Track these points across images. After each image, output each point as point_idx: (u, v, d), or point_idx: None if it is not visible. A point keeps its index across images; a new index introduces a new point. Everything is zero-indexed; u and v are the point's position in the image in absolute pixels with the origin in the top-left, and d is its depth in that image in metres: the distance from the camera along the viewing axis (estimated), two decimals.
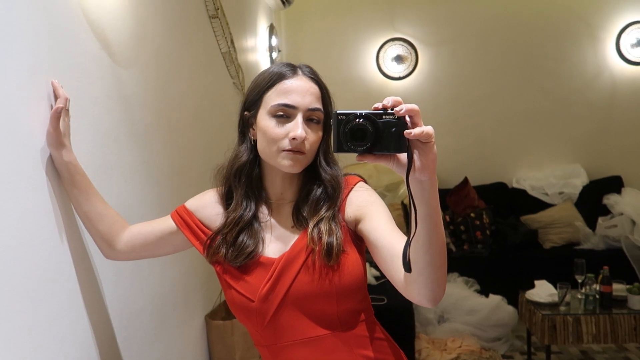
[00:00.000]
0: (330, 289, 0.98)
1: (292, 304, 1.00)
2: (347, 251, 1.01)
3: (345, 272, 0.99)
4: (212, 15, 2.32)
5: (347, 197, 1.06)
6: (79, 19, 1.19)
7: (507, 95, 4.46)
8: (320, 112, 1.02)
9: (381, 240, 0.94)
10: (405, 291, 0.88)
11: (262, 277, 1.02)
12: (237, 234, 1.05)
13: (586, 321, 2.73)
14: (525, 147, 4.47)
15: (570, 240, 3.93)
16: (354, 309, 1.03)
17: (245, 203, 1.07)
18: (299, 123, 0.99)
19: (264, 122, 1.01)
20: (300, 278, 1.00)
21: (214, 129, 2.26)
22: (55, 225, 1.04)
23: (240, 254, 1.03)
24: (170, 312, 1.70)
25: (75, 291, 1.11)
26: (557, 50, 4.38)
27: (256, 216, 1.08)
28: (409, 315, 2.82)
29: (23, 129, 0.96)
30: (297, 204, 1.07)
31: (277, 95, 1.01)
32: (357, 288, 1.01)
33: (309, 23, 4.55)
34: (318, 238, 1.00)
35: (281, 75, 1.02)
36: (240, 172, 1.07)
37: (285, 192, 1.09)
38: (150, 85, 1.61)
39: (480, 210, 4.00)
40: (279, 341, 1.03)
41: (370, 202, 1.03)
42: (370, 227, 0.98)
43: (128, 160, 1.43)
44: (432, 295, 0.84)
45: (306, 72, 1.05)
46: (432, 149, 0.73)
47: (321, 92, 1.04)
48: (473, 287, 3.62)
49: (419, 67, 4.48)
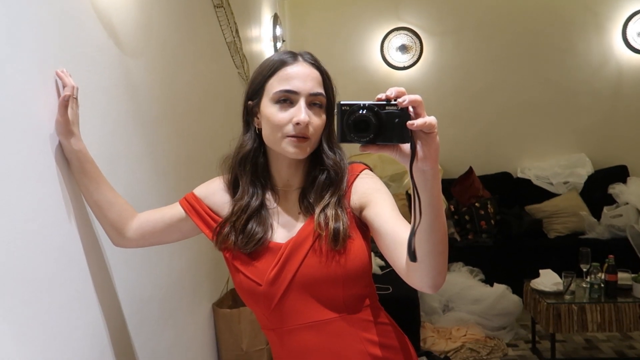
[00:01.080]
0: (336, 273, 1.00)
1: (299, 287, 1.02)
2: (353, 237, 1.02)
3: (351, 257, 1.01)
4: (217, 4, 2.31)
5: (353, 185, 1.07)
6: (87, 9, 1.19)
7: (512, 85, 4.44)
8: (323, 96, 1.04)
9: (385, 227, 0.96)
10: (407, 277, 0.90)
11: (270, 262, 1.04)
12: (245, 222, 1.07)
13: (591, 310, 2.74)
14: (530, 136, 4.46)
15: (575, 229, 3.93)
16: (359, 293, 1.05)
17: (252, 190, 1.09)
18: (302, 108, 1.00)
19: (267, 110, 1.03)
20: (307, 262, 1.01)
21: (220, 119, 2.26)
22: (65, 214, 1.05)
23: (250, 240, 1.05)
24: (178, 300, 1.72)
25: (86, 279, 1.12)
26: (562, 39, 4.36)
27: (263, 203, 1.09)
28: (414, 305, 2.83)
29: (32, 118, 0.96)
30: (304, 191, 1.08)
31: (279, 82, 1.02)
32: (363, 273, 1.03)
33: (313, 12, 4.53)
34: (325, 224, 1.01)
35: (282, 62, 1.04)
36: (245, 160, 1.09)
37: (291, 178, 1.10)
38: (156, 74, 1.61)
39: (484, 200, 4.00)
40: (286, 324, 1.04)
41: (375, 189, 1.04)
42: (375, 213, 1.00)
43: (135, 149, 1.43)
44: (432, 282, 0.86)
45: (307, 58, 1.06)
46: (435, 139, 0.74)
47: (322, 77, 1.06)
48: (478, 276, 3.63)
49: (423, 56, 4.46)
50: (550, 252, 3.73)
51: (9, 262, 0.87)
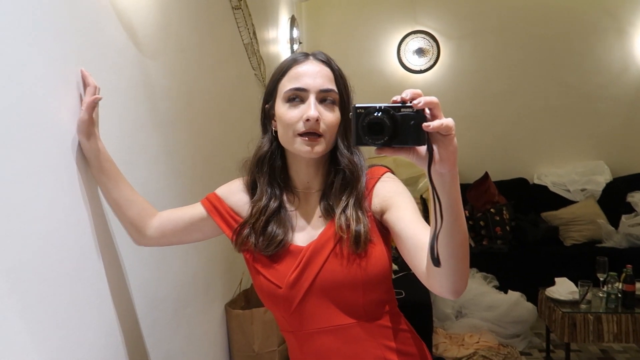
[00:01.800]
0: (357, 278, 0.99)
1: (319, 292, 1.01)
2: (374, 241, 1.02)
3: (372, 262, 1.00)
4: (235, 6, 2.32)
5: (374, 188, 1.06)
6: (107, 10, 1.20)
7: (529, 89, 4.39)
8: (334, 92, 1.03)
9: (406, 231, 0.95)
10: (428, 282, 0.89)
11: (290, 265, 1.03)
12: (265, 223, 1.07)
13: (607, 320, 2.69)
14: (547, 142, 4.41)
15: (592, 237, 3.87)
16: (379, 299, 1.04)
17: (270, 192, 1.08)
18: (312, 104, 1.00)
19: (280, 109, 1.03)
20: (328, 267, 1.01)
21: (236, 120, 2.27)
22: (82, 213, 1.06)
23: (270, 243, 1.05)
24: (192, 300, 1.73)
25: (102, 278, 1.13)
26: (582, 44, 4.30)
27: (282, 205, 1.09)
28: (427, 310, 2.81)
29: (51, 118, 0.97)
30: (324, 193, 1.08)
31: (289, 81, 1.03)
32: (383, 278, 1.02)
33: (330, 15, 4.53)
34: (346, 226, 1.00)
35: (293, 62, 1.05)
36: (262, 162, 1.09)
37: (311, 180, 1.09)
38: (174, 75, 1.62)
39: (500, 206, 3.96)
40: (305, 328, 1.04)
41: (396, 192, 1.04)
42: (396, 217, 0.99)
43: (152, 149, 1.44)
44: (453, 287, 0.84)
45: (318, 57, 1.06)
46: (452, 141, 0.73)
47: (334, 74, 1.05)
48: (492, 283, 3.60)
49: (440, 60, 4.44)
50: (566, 260, 3.68)
51: (26, 259, 0.88)
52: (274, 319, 1.98)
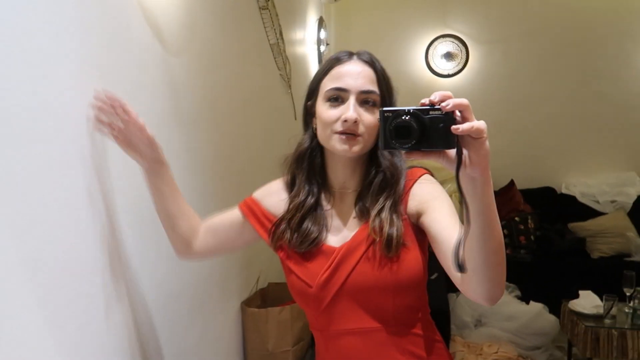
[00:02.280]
0: (387, 282, 0.99)
1: (349, 293, 1.01)
2: (408, 245, 1.00)
3: (404, 266, 0.99)
4: (263, 6, 2.34)
5: (411, 190, 1.05)
6: (134, 8, 1.22)
7: (560, 96, 4.29)
8: (376, 94, 1.02)
9: (442, 234, 0.93)
10: (462, 288, 0.88)
11: (322, 265, 1.04)
12: (301, 220, 1.07)
13: (632, 336, 2.61)
14: (577, 151, 4.31)
15: (620, 251, 3.76)
16: (409, 305, 1.03)
17: (308, 188, 1.09)
18: (351, 105, 1.00)
19: (320, 108, 1.04)
20: (359, 269, 1.00)
21: (260, 120, 2.28)
22: (99, 207, 1.08)
23: (305, 239, 1.06)
24: (207, 297, 1.74)
25: (117, 271, 1.14)
26: (617, 51, 4.18)
27: (319, 203, 1.10)
28: (445, 317, 2.77)
29: (73, 116, 0.99)
30: (360, 194, 1.07)
31: (331, 80, 1.03)
32: (415, 284, 1.01)
33: (358, 17, 4.52)
34: (380, 228, 1.00)
35: (336, 60, 1.05)
36: (302, 158, 1.10)
37: (347, 180, 1.09)
38: (198, 74, 1.64)
39: (525, 215, 3.88)
40: (332, 327, 1.04)
41: (434, 195, 1.02)
42: (432, 220, 0.98)
43: (174, 146, 1.46)
44: (488, 295, 0.82)
45: (363, 57, 1.06)
46: (484, 144, 0.71)
47: (377, 75, 1.04)
48: (514, 292, 3.53)
49: (469, 64, 4.38)
50: (592, 273, 3.59)
51: (45, 252, 0.89)
52: (288, 319, 1.99)
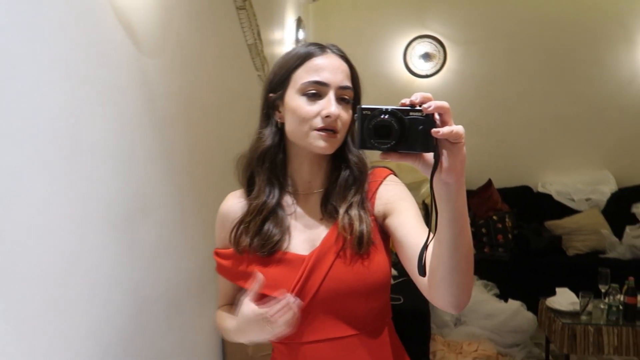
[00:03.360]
0: (360, 285, 0.96)
1: (321, 302, 0.97)
2: (376, 245, 0.98)
3: (374, 267, 0.96)
4: (240, 6, 2.31)
5: (377, 190, 1.02)
6: (105, 7, 1.19)
7: (536, 97, 4.36)
8: (351, 90, 1.00)
9: (407, 238, 0.92)
10: (429, 295, 0.86)
11: (290, 276, 0.97)
12: (261, 223, 1.01)
13: (608, 332, 2.66)
14: (553, 151, 4.37)
15: (595, 248, 3.83)
16: (379, 310, 1.01)
17: (268, 189, 1.03)
18: (332, 100, 0.96)
19: (294, 102, 0.98)
20: (332, 275, 0.96)
21: (238, 121, 2.26)
22: (71, 212, 1.05)
23: (266, 243, 0.99)
24: (185, 302, 1.71)
25: (91, 277, 1.12)
26: (590, 53, 4.26)
27: (280, 204, 1.03)
28: (425, 316, 2.79)
29: (40, 116, 0.96)
30: (327, 193, 1.03)
31: (307, 73, 0.98)
32: (385, 286, 0.99)
33: (337, 18, 4.52)
34: (349, 225, 0.97)
35: (310, 54, 1.00)
36: (263, 156, 1.03)
37: (313, 179, 1.05)
38: (173, 74, 1.61)
39: (502, 214, 3.93)
40: (302, 339, 0.99)
41: (400, 197, 1.00)
42: (398, 223, 0.96)
43: (149, 148, 1.43)
44: (455, 301, 0.81)
45: (335, 51, 1.02)
46: (461, 150, 0.70)
47: (351, 70, 1.02)
48: (492, 291, 3.57)
49: (446, 65, 4.41)
50: (569, 270, 3.65)
51: (12, 258, 0.86)
52: None
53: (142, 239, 1.38)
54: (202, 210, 1.80)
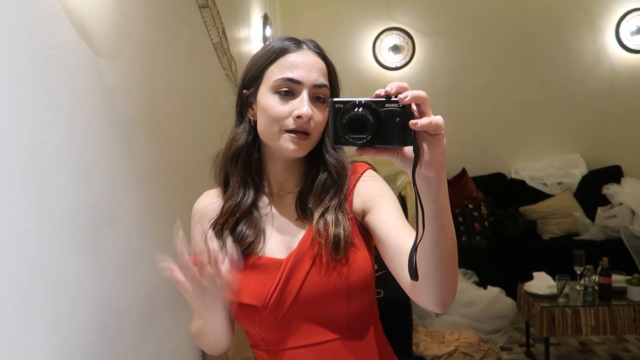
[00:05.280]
0: (340, 287, 0.91)
1: (301, 307, 0.93)
2: (356, 245, 0.94)
3: (355, 268, 0.92)
4: (202, 4, 2.26)
5: (355, 186, 0.98)
6: (55, 8, 1.13)
7: (505, 85, 4.40)
8: (327, 88, 0.95)
9: (389, 235, 0.88)
10: (412, 294, 0.83)
11: (267, 282, 0.94)
12: (235, 224, 0.97)
13: (585, 313, 2.70)
14: (524, 137, 4.43)
15: (569, 230, 3.90)
16: (363, 310, 0.96)
17: (242, 190, 0.99)
18: (305, 100, 0.91)
19: (266, 100, 0.93)
20: (310, 278, 0.92)
21: (205, 122, 2.21)
22: (32, 221, 1.00)
23: (239, 244, 0.95)
24: (159, 311, 1.67)
25: (51, 293, 1.07)
26: (556, 39, 4.32)
27: (255, 205, 1.00)
28: (407, 308, 2.79)
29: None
30: (302, 194, 0.99)
31: (281, 70, 0.93)
32: (367, 285, 0.95)
33: (304, 13, 4.49)
34: (324, 230, 0.92)
35: (284, 49, 0.94)
36: (237, 156, 0.99)
37: (287, 180, 1.01)
38: (134, 76, 1.56)
39: (478, 202, 3.96)
40: (282, 345, 0.95)
41: (379, 193, 0.96)
42: (378, 219, 0.92)
43: (111, 155, 1.38)
44: (440, 300, 0.78)
45: (311, 47, 0.97)
46: (441, 141, 0.67)
47: (328, 68, 0.97)
48: (471, 279, 3.60)
49: (415, 57, 4.43)
50: (545, 254, 3.70)
51: None
52: None
53: (109, 247, 1.33)
54: (173, 214, 1.75)
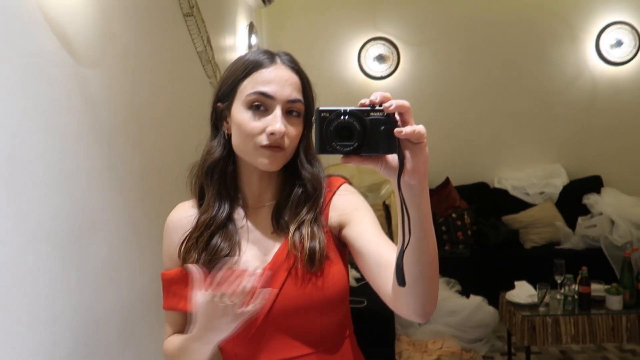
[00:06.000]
0: (313, 300, 0.91)
1: (275, 320, 0.92)
2: (331, 258, 0.94)
3: (329, 282, 0.92)
4: (187, 13, 2.27)
5: (331, 201, 0.98)
6: (37, 17, 1.13)
7: (488, 95, 4.46)
8: (301, 103, 0.94)
9: (367, 248, 0.88)
10: (394, 305, 0.82)
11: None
12: (209, 237, 0.96)
13: (565, 322, 2.73)
14: (506, 147, 4.48)
15: (550, 240, 3.94)
16: (337, 324, 0.96)
17: (218, 203, 0.98)
18: (278, 116, 0.90)
19: (239, 115, 0.93)
20: (285, 291, 0.92)
21: (189, 131, 2.20)
22: (6, 230, 0.99)
23: (214, 258, 0.94)
24: (140, 320, 1.65)
25: (30, 302, 1.06)
26: (538, 50, 4.40)
27: (231, 218, 0.99)
28: (390, 317, 2.80)
29: None
30: (278, 207, 0.99)
31: (253, 86, 0.92)
32: (342, 299, 0.95)
33: (290, 22, 4.51)
34: (300, 243, 0.93)
35: (258, 64, 0.94)
36: (212, 169, 0.98)
37: (263, 193, 1.00)
38: (117, 85, 1.56)
39: (461, 211, 3.99)
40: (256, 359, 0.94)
41: (355, 206, 0.96)
42: (356, 233, 0.92)
43: (92, 164, 1.37)
44: (422, 310, 0.78)
45: (285, 61, 0.96)
46: (424, 150, 0.68)
47: (302, 82, 0.96)
48: (454, 287, 3.62)
49: (400, 66, 4.46)
50: (526, 263, 3.74)
51: None
52: None
53: (88, 256, 1.32)
54: (155, 223, 1.74)
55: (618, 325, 2.72)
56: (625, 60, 4.28)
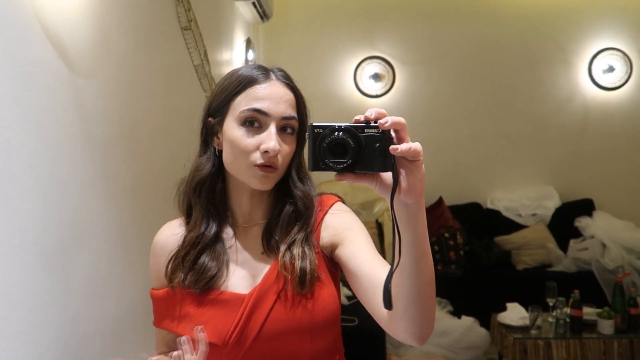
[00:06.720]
0: (304, 323, 0.88)
1: (263, 345, 0.89)
2: (322, 279, 0.91)
3: (320, 305, 0.89)
4: (185, 27, 2.27)
5: (323, 220, 0.96)
6: (33, 26, 1.12)
7: (482, 116, 4.49)
8: (295, 120, 0.92)
9: (361, 269, 0.86)
10: (389, 328, 0.80)
11: (229, 319, 0.90)
12: (196, 256, 0.93)
13: (557, 345, 2.72)
14: (500, 168, 4.50)
15: (542, 261, 3.94)
16: (327, 348, 0.93)
17: (206, 221, 0.95)
18: (273, 134, 0.88)
19: (232, 132, 0.90)
20: (274, 315, 0.89)
21: (184, 143, 2.18)
22: (1, 236, 0.97)
23: (201, 277, 0.91)
24: (127, 336, 1.62)
25: (14, 315, 1.03)
26: (531, 73, 4.44)
27: (219, 237, 0.96)
28: (381, 337, 2.77)
29: None
30: (268, 226, 0.96)
31: (248, 102, 0.90)
32: (332, 322, 0.92)
33: (287, 38, 4.53)
34: (290, 264, 0.89)
35: (252, 80, 0.92)
36: (200, 186, 0.95)
37: (253, 211, 0.97)
38: (112, 96, 1.55)
39: (454, 231, 3.99)
40: None
41: (348, 225, 0.94)
42: (350, 253, 0.89)
43: (85, 174, 1.36)
44: (419, 333, 0.75)
45: (280, 77, 0.95)
46: (420, 168, 0.67)
47: (296, 98, 0.94)
48: (446, 308, 3.59)
49: (396, 85, 4.49)
50: (518, 284, 3.73)
51: None
52: None
53: (76, 269, 1.30)
54: (146, 237, 1.72)
55: (610, 350, 2.71)
56: (617, 85, 4.34)
